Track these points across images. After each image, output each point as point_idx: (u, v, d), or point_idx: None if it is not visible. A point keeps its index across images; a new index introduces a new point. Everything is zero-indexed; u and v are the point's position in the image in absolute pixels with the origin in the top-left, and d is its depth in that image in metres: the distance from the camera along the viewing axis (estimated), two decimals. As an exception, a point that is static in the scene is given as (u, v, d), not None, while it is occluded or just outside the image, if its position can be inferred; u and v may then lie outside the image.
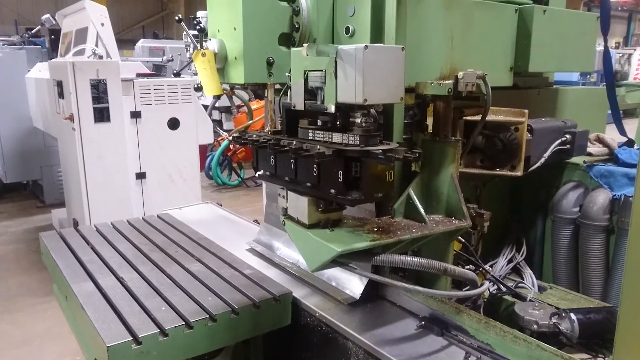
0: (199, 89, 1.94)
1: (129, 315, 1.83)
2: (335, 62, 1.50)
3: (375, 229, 1.71)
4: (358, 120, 1.53)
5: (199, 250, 2.48)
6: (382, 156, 1.50)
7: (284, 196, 1.78)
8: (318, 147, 1.55)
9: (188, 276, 2.18)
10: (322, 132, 1.62)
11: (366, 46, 1.44)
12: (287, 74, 1.76)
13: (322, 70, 1.54)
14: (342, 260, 1.63)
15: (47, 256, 2.53)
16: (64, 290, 2.25)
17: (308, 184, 1.65)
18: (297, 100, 1.65)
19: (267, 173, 1.83)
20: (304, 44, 1.58)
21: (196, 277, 2.16)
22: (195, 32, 1.96)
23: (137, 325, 1.76)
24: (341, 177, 1.54)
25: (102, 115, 4.53)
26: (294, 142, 1.65)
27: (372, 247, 1.61)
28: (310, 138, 1.66)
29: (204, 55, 1.91)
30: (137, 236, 2.68)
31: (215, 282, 2.12)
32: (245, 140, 1.88)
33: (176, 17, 1.99)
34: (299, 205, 1.71)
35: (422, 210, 1.84)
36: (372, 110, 1.57)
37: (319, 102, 1.60)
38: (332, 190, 1.57)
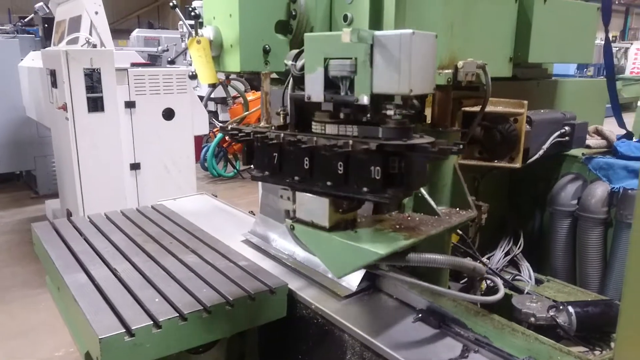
0: (193, 77, 1.90)
1: (122, 306, 1.80)
2: (371, 49, 1.34)
3: (397, 227, 1.60)
4: (390, 112, 1.39)
5: (193, 242, 2.45)
6: (434, 150, 1.37)
7: (288, 197, 1.60)
8: (350, 142, 1.39)
9: (182, 267, 2.16)
10: (346, 126, 1.45)
11: (413, 32, 1.31)
12: (289, 62, 1.57)
13: (350, 58, 1.37)
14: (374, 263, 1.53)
15: (39, 247, 2.49)
16: (56, 282, 2.22)
17: (329, 183, 1.47)
18: (314, 91, 1.46)
19: (266, 173, 1.62)
20: (343, 29, 1.36)
21: (190, 269, 2.13)
22: (191, 20, 1.92)
23: (130, 316, 1.73)
24: (378, 174, 1.38)
25: (95, 104, 4.47)
26: (315, 138, 1.45)
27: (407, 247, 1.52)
28: (330, 133, 1.47)
29: (199, 42, 1.87)
30: (130, 227, 2.65)
31: (210, 273, 2.09)
32: (244, 136, 1.64)
33: (171, 3, 1.95)
34: (314, 206, 1.54)
35: (433, 203, 1.78)
36: (415, 101, 1.47)
37: (342, 93, 1.42)
38: (365, 189, 1.41)
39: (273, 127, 1.63)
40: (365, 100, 1.37)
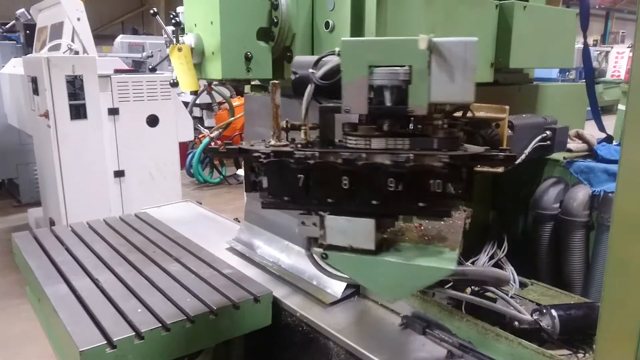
0: (174, 84, 1.89)
1: (103, 317, 1.77)
2: (429, 56, 1.25)
3: (426, 238, 1.49)
4: (439, 122, 1.30)
5: (177, 250, 2.42)
6: (500, 158, 1.30)
7: (314, 223, 1.41)
8: (411, 156, 1.27)
9: (166, 277, 2.13)
10: (396, 139, 1.31)
11: (476, 39, 1.24)
12: (309, 70, 1.37)
13: (404, 66, 1.26)
14: None
15: (19, 257, 2.45)
16: (36, 293, 2.18)
17: (374, 202, 1.33)
18: (356, 102, 1.30)
19: (285, 198, 1.40)
20: (420, 35, 1.25)
21: (174, 278, 2.11)
22: (172, 27, 1.91)
23: (111, 328, 1.71)
24: (439, 187, 1.29)
25: (78, 112, 4.42)
26: (364, 154, 1.30)
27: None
28: (377, 147, 1.31)
29: (180, 50, 1.86)
30: (113, 236, 2.62)
31: (193, 282, 2.07)
32: (262, 157, 1.37)
33: (151, 11, 1.94)
34: (355, 229, 1.38)
35: None
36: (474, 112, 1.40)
37: (388, 104, 1.30)
38: (421, 204, 1.31)
39: (299, 145, 1.38)
40: (423, 110, 1.27)
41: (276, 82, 1.43)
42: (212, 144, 8.98)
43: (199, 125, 8.05)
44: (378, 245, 1.37)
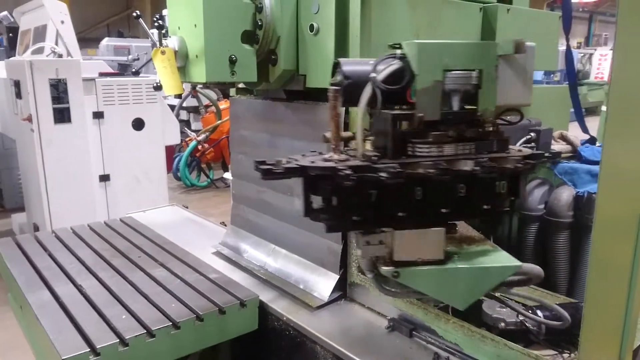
0: (158, 88, 1.87)
1: (86, 324, 1.75)
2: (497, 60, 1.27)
3: (461, 241, 1.48)
4: (491, 126, 1.31)
5: (163, 255, 2.40)
6: (549, 156, 1.38)
7: (380, 241, 1.34)
8: (487, 160, 1.28)
9: (151, 282, 2.11)
10: (465, 144, 1.29)
11: (534, 44, 1.29)
12: (372, 75, 1.25)
13: (473, 70, 1.25)
14: None
15: (1, 264, 2.41)
16: (18, 300, 2.15)
17: (444, 210, 1.30)
18: (429, 107, 1.25)
19: (356, 219, 1.29)
20: (502, 39, 1.28)
21: (159, 283, 2.09)
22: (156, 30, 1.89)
23: (95, 335, 1.68)
24: (504, 187, 1.31)
25: (62, 116, 4.37)
26: (444, 163, 1.26)
27: None
28: (448, 153, 1.28)
29: (163, 53, 1.85)
30: (98, 241, 2.59)
31: (179, 287, 2.05)
32: (356, 173, 1.23)
33: (134, 14, 1.92)
34: (425, 240, 1.34)
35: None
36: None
37: (455, 108, 1.28)
38: (485, 206, 1.32)
39: (374, 158, 1.27)
40: (492, 114, 1.28)
41: (336, 89, 1.29)
42: (200, 147, 8.93)
43: (185, 128, 8.01)
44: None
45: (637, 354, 1.68)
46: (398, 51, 1.30)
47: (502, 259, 1.37)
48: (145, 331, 1.72)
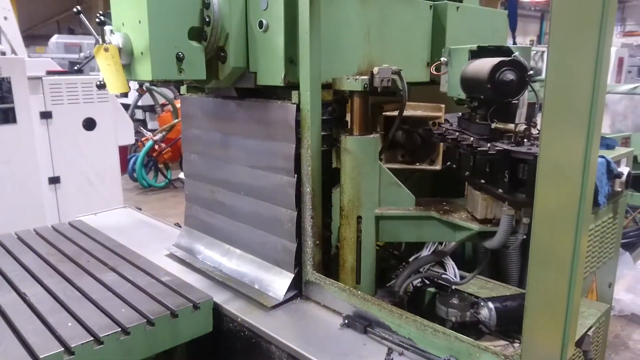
0: (101, 86, 1.80)
1: (29, 334, 1.67)
2: None
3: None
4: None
5: (113, 259, 2.32)
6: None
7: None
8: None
9: (100, 287, 2.04)
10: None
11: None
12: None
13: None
14: None
15: (-63, 274, 2.27)
16: (-44, 311, 2.03)
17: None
18: None
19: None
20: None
21: (109, 288, 2.02)
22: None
23: (38, 344, 1.61)
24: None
25: (6, 116, 4.18)
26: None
27: None
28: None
29: (106, 50, 1.78)
30: (44, 246, 2.48)
31: (129, 292, 1.99)
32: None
33: (74, 9, 1.84)
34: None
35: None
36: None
37: None
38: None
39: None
40: None
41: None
42: (156, 146, 8.73)
43: (141, 128, 7.81)
44: None
45: (582, 341, 1.75)
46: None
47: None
48: (92, 338, 1.66)
